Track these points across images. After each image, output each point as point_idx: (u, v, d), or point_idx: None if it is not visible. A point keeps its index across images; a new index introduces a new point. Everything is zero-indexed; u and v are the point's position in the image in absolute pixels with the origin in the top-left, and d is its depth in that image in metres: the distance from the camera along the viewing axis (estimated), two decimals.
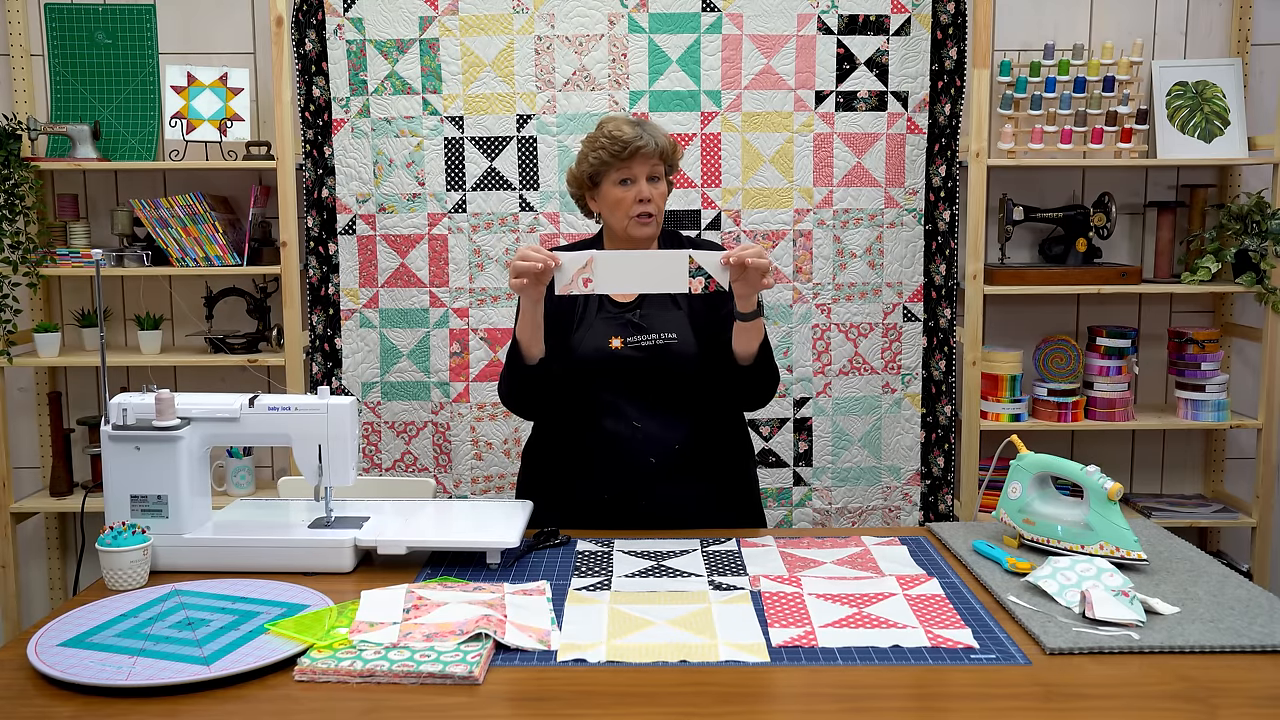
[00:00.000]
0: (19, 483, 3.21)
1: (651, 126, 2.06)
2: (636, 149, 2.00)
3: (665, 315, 2.08)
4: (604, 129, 2.05)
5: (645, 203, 2.03)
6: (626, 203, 2.03)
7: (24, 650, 1.42)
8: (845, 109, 3.00)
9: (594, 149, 2.05)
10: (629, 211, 2.03)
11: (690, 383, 2.07)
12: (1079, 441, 3.31)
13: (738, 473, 2.19)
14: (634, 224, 2.04)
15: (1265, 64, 3.18)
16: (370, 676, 1.36)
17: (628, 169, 2.02)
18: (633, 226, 2.04)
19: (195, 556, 1.76)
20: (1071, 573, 1.60)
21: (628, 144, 2.00)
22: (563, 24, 2.96)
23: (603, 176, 2.05)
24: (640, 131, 2.02)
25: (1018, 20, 3.16)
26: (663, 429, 2.06)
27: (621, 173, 2.03)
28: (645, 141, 2.01)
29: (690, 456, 2.08)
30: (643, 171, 2.03)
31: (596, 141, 2.05)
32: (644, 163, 2.02)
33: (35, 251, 3.01)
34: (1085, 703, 1.30)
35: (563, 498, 2.11)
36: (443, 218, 3.02)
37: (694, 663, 1.40)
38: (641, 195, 2.02)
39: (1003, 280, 3.04)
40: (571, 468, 2.12)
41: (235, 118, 3.06)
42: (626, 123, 2.04)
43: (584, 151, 2.08)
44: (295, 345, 2.99)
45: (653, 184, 2.04)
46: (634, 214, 2.03)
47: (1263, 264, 2.97)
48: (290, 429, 1.84)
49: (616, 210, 2.05)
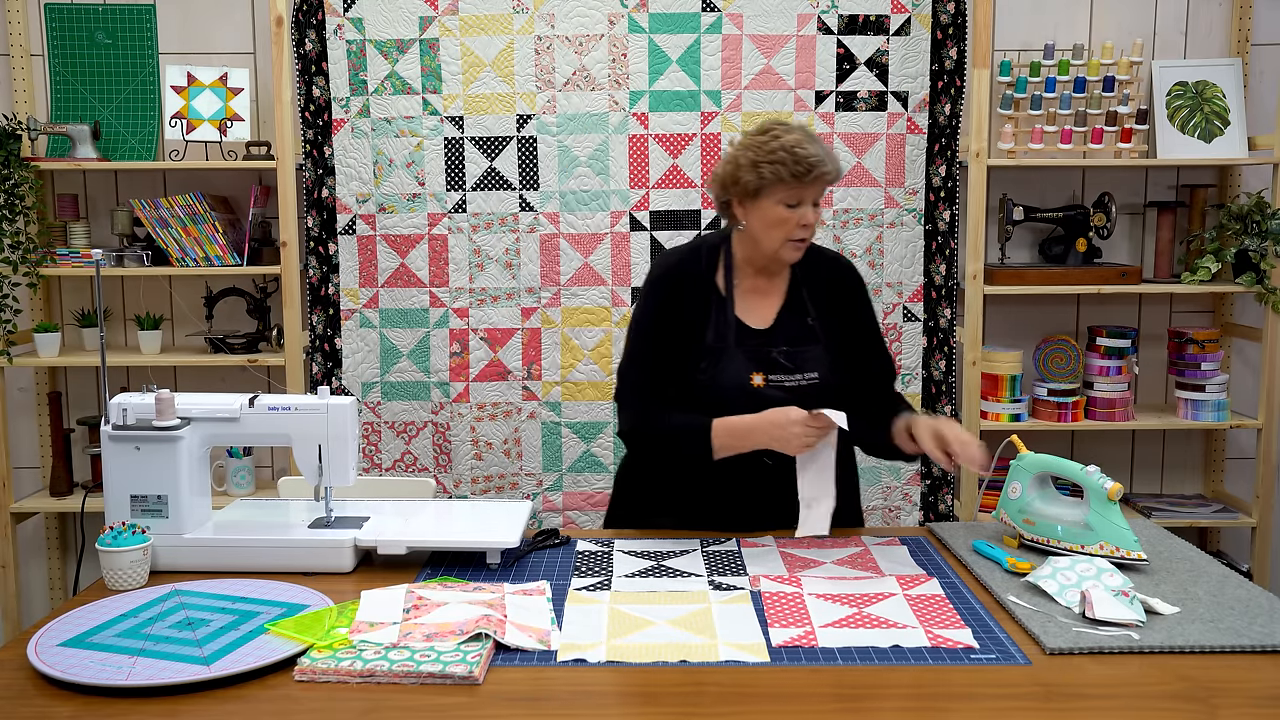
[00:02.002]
0: (19, 483, 3.21)
1: (827, 147, 1.90)
2: (821, 174, 1.86)
3: (806, 352, 1.95)
4: (782, 142, 1.86)
5: (806, 228, 1.89)
6: (789, 225, 1.88)
7: (24, 650, 1.42)
8: (845, 109, 3.00)
9: (769, 161, 1.85)
10: (789, 234, 1.89)
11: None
12: (1079, 441, 3.31)
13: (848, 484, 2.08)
14: (788, 248, 1.91)
15: (1265, 64, 3.18)
16: (370, 676, 1.36)
17: (799, 191, 1.86)
18: (786, 250, 1.91)
19: (195, 556, 1.76)
20: (1071, 573, 1.60)
21: (812, 167, 1.84)
22: (563, 24, 2.96)
23: (768, 192, 1.87)
24: (823, 154, 1.86)
25: (1018, 20, 3.16)
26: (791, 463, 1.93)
27: (793, 194, 1.86)
28: (829, 168, 1.86)
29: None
30: (813, 196, 1.88)
31: (773, 154, 1.85)
32: (817, 187, 1.88)
33: (35, 251, 3.01)
34: (1085, 703, 1.30)
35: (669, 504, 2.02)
36: (443, 218, 3.02)
37: (694, 663, 1.40)
38: (805, 220, 1.88)
39: (1003, 280, 3.04)
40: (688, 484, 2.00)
41: (235, 118, 3.06)
42: (808, 139, 1.87)
43: (752, 159, 1.88)
44: (295, 345, 2.99)
45: (815, 209, 1.90)
46: (793, 238, 1.89)
47: (1263, 264, 2.97)
48: (290, 429, 1.84)
49: (774, 230, 1.89)
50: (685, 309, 1.96)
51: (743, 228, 1.96)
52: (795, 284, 2.01)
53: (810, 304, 2.00)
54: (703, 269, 2.00)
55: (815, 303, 2.00)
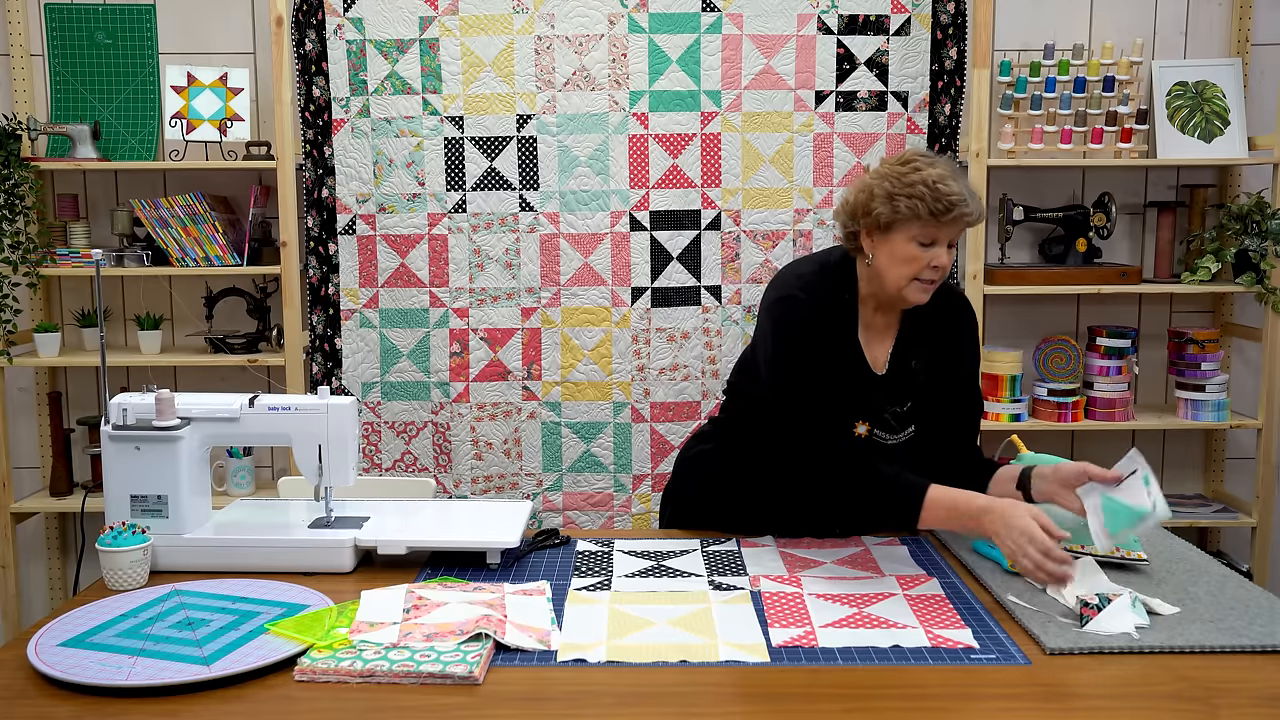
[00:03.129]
0: (19, 483, 3.21)
1: (969, 185, 1.77)
2: (962, 214, 1.73)
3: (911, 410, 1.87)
4: (924, 175, 1.73)
5: (936, 269, 1.77)
6: (918, 265, 1.76)
7: (24, 650, 1.42)
8: (845, 109, 3.00)
9: (907, 195, 1.73)
10: (917, 274, 1.77)
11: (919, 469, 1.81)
12: (1079, 441, 3.31)
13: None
14: (915, 288, 1.78)
15: (1265, 64, 3.17)
16: (370, 676, 1.36)
17: (935, 230, 1.74)
18: (912, 290, 1.78)
19: (195, 556, 1.76)
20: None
21: (953, 205, 1.71)
22: (563, 24, 2.96)
23: (901, 227, 1.75)
24: (966, 194, 1.73)
25: (1018, 20, 3.16)
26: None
27: (928, 233, 1.74)
28: (970, 210, 1.73)
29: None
30: (948, 237, 1.76)
31: (912, 188, 1.73)
32: (956, 228, 1.76)
33: (35, 251, 3.01)
34: (1085, 703, 1.30)
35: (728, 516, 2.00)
36: (443, 218, 3.02)
37: (694, 663, 1.40)
38: (937, 262, 1.76)
39: (1003, 280, 3.04)
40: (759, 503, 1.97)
41: (235, 118, 3.06)
42: (952, 176, 1.74)
43: (889, 190, 1.75)
44: (295, 345, 2.99)
45: (949, 250, 1.78)
46: (923, 279, 1.77)
47: (1263, 264, 2.97)
48: (290, 429, 1.84)
49: (902, 268, 1.77)
50: (822, 334, 1.83)
51: (869, 262, 1.82)
52: (906, 321, 1.91)
53: (918, 344, 1.90)
54: (834, 294, 1.86)
55: (924, 342, 1.91)
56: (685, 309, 3.02)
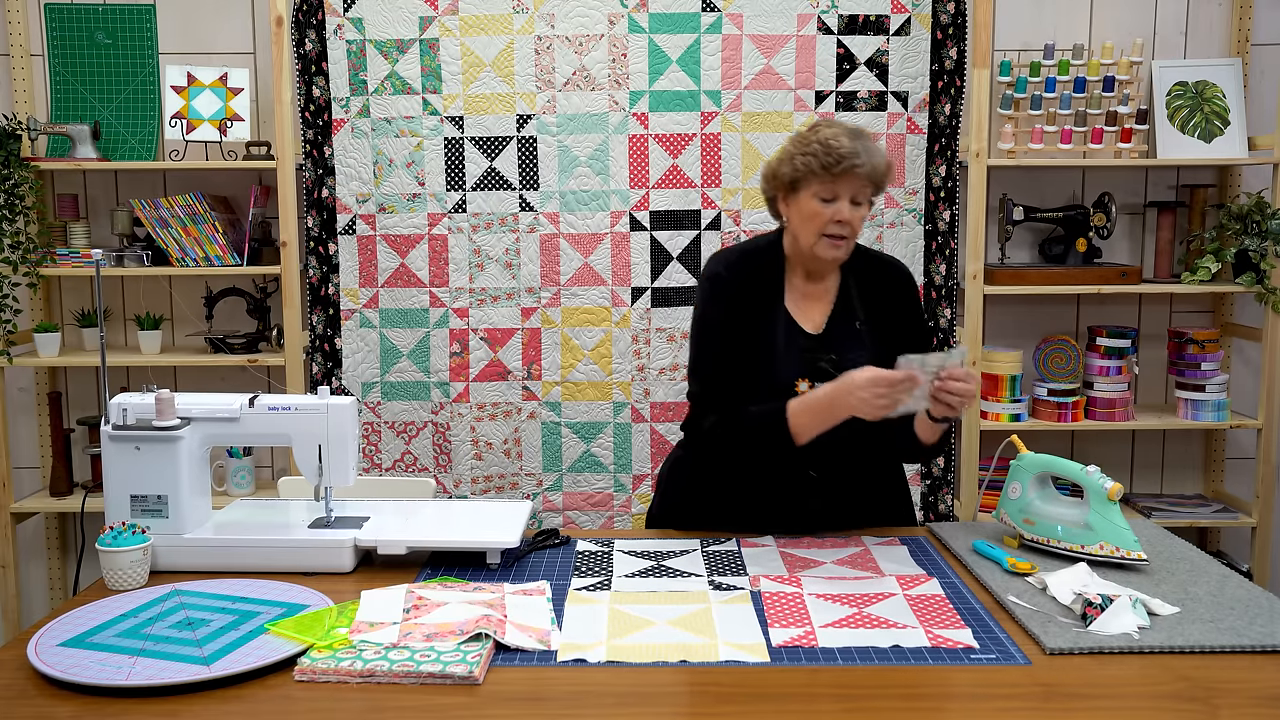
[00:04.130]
0: (19, 483, 3.21)
1: (871, 145, 1.85)
2: (851, 167, 1.81)
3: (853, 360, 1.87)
4: (819, 134, 1.85)
5: (841, 225, 1.85)
6: (821, 220, 1.85)
7: (24, 650, 1.42)
8: (845, 109, 3.00)
9: (803, 153, 1.85)
10: (821, 229, 1.85)
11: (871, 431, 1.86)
12: (1079, 441, 3.31)
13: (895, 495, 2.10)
14: (823, 244, 1.87)
15: (1265, 64, 3.18)
16: (370, 676, 1.36)
17: (833, 186, 1.83)
18: (821, 246, 1.87)
19: (195, 556, 1.76)
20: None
21: (842, 159, 1.81)
22: (563, 24, 2.96)
23: (803, 185, 1.86)
24: (858, 148, 1.82)
25: (1018, 20, 3.16)
26: (837, 477, 1.96)
27: (827, 188, 1.84)
28: (861, 162, 1.81)
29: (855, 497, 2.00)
30: (848, 191, 1.84)
31: (808, 145, 1.84)
32: (852, 182, 1.83)
33: (35, 251, 3.01)
34: (1085, 703, 1.30)
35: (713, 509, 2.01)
36: (443, 218, 3.02)
37: (694, 663, 1.40)
38: (840, 216, 1.84)
39: (1003, 280, 3.04)
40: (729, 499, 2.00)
41: (235, 118, 3.06)
42: (846, 134, 1.84)
43: (790, 152, 1.88)
44: (295, 345, 2.99)
45: (855, 207, 1.85)
46: (827, 233, 1.86)
47: (1263, 264, 2.97)
48: (290, 429, 1.84)
49: (808, 224, 1.87)
50: (746, 308, 1.93)
51: (785, 224, 1.96)
52: (845, 286, 1.97)
53: (860, 307, 1.96)
54: (760, 267, 1.97)
55: (865, 306, 1.97)
56: (685, 309, 3.02)
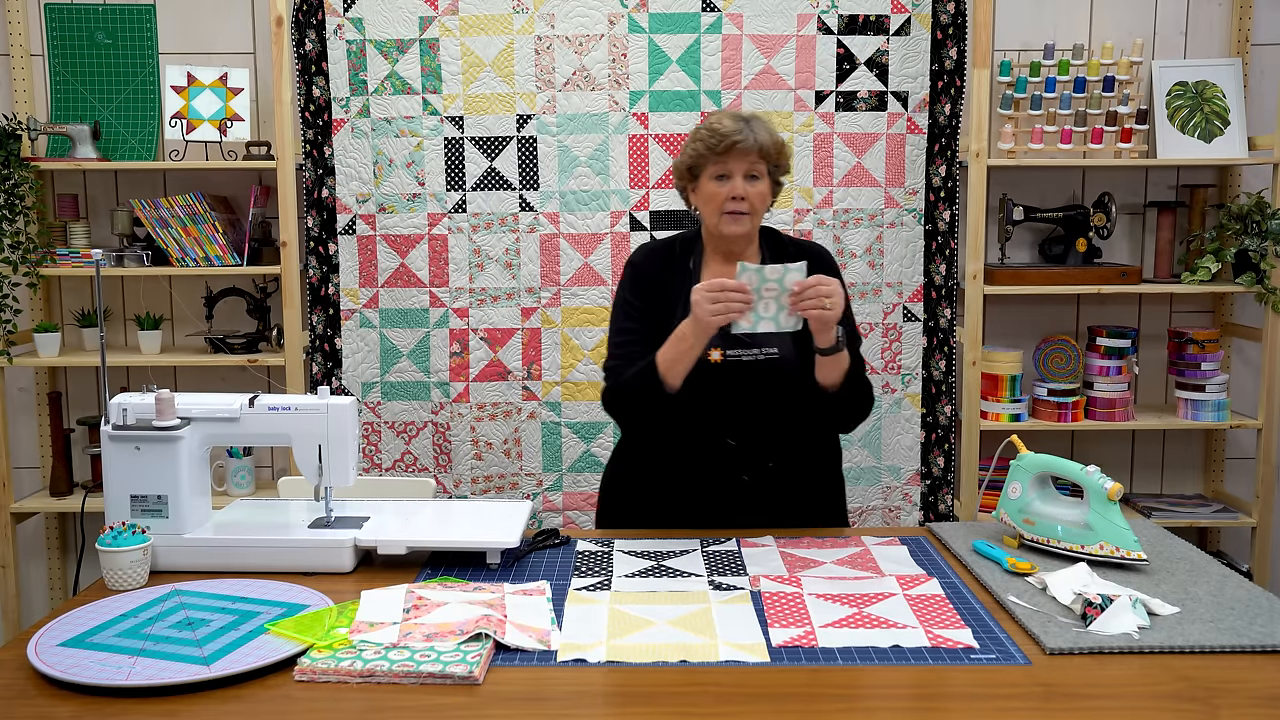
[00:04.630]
0: (19, 483, 3.21)
1: (758, 123, 1.97)
2: (733, 144, 1.92)
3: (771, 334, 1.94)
4: (706, 121, 1.99)
5: (738, 200, 1.95)
6: (719, 199, 1.96)
7: (24, 650, 1.42)
8: (845, 109, 3.00)
9: (694, 140, 1.99)
10: (721, 207, 1.96)
11: (789, 399, 1.98)
12: (1079, 441, 3.31)
13: (828, 486, 2.13)
14: (724, 220, 1.97)
15: (1265, 64, 3.18)
16: (370, 676, 1.36)
17: (724, 164, 1.95)
18: (723, 223, 1.97)
19: (195, 556, 1.76)
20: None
21: (725, 137, 1.93)
22: (563, 24, 2.96)
23: (701, 170, 1.98)
24: (741, 126, 1.94)
25: (1018, 20, 3.16)
26: (758, 446, 2.00)
27: (718, 168, 1.95)
28: (743, 136, 1.93)
29: (784, 473, 2.03)
30: (740, 168, 1.95)
31: (697, 133, 1.99)
32: (741, 159, 1.94)
33: (35, 251, 3.01)
34: (1085, 703, 1.30)
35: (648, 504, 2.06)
36: (443, 218, 3.02)
37: (694, 663, 1.40)
38: (735, 193, 1.95)
39: (1003, 280, 3.04)
40: (660, 481, 2.05)
41: (235, 118, 3.06)
42: (730, 117, 1.97)
43: (686, 142, 2.03)
44: (295, 345, 2.99)
45: (750, 182, 1.96)
46: (726, 210, 1.96)
47: (1263, 264, 2.97)
48: (290, 429, 1.84)
49: (709, 205, 1.98)
50: (659, 292, 2.03)
51: (696, 213, 2.06)
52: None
53: None
54: (676, 255, 2.08)
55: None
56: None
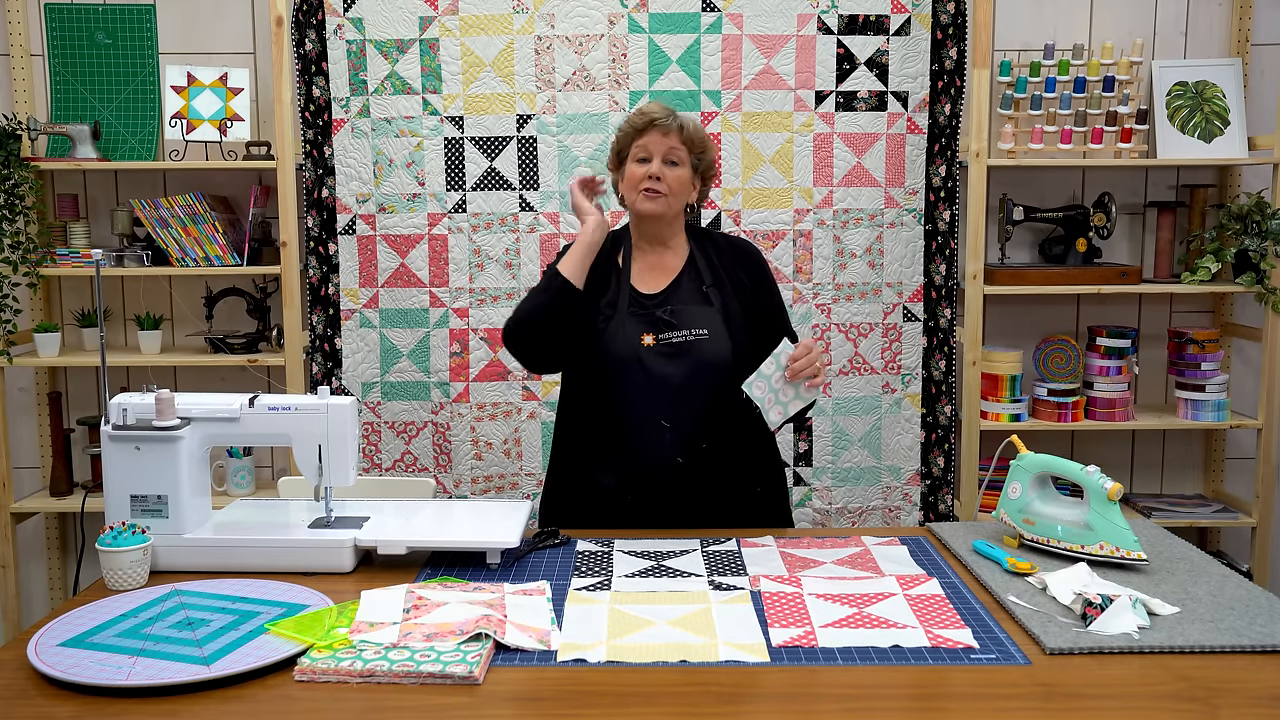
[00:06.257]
0: (19, 483, 3.21)
1: (685, 114, 2.07)
2: (652, 120, 2.01)
3: (696, 311, 2.05)
4: (635, 109, 2.10)
5: (655, 180, 2.02)
6: (637, 179, 2.03)
7: (24, 650, 1.42)
8: (845, 109, 3.00)
9: (622, 125, 2.09)
10: (638, 186, 2.03)
11: (721, 380, 2.02)
12: (1079, 441, 3.31)
13: (766, 471, 2.15)
14: (641, 198, 2.03)
15: (1265, 64, 3.18)
16: (370, 676, 1.36)
17: (645, 146, 2.03)
18: (640, 201, 2.04)
19: (195, 556, 1.76)
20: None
21: (645, 115, 2.03)
22: (563, 24, 2.96)
23: (626, 153, 2.07)
24: (665, 111, 2.04)
25: (1018, 20, 3.16)
26: (692, 428, 2.02)
27: (640, 149, 2.04)
28: (664, 119, 2.02)
29: (719, 456, 2.05)
30: (659, 150, 2.03)
31: (627, 119, 2.08)
32: (661, 140, 2.02)
33: (35, 251, 3.01)
34: (1085, 703, 1.30)
35: (587, 492, 2.08)
36: (443, 218, 3.02)
37: (694, 663, 1.40)
38: (652, 173, 2.02)
39: (1003, 280, 3.04)
40: (597, 463, 2.08)
41: (235, 118, 3.06)
42: (658, 105, 2.07)
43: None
44: (295, 345, 2.99)
45: (669, 166, 2.03)
46: (643, 189, 2.03)
47: (1263, 264, 2.97)
48: (290, 429, 1.84)
49: (630, 187, 2.06)
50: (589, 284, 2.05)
51: (623, 203, 2.11)
52: (692, 258, 2.12)
53: (706, 273, 2.10)
54: (606, 248, 2.11)
55: (712, 273, 2.11)
56: None
